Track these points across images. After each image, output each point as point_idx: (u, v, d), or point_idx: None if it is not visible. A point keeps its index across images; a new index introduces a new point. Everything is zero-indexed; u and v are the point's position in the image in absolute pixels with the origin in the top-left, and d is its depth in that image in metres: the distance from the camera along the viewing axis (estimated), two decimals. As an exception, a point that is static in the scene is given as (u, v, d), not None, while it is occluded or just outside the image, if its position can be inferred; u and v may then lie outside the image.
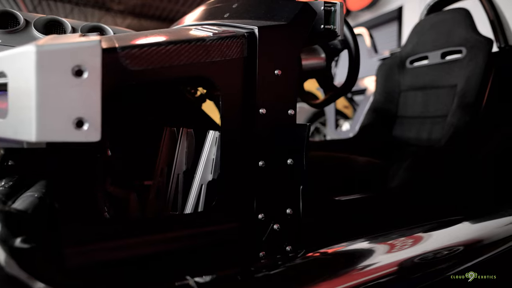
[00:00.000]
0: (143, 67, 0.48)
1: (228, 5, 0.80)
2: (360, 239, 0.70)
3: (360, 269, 0.66)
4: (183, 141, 0.71)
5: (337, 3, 0.73)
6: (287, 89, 0.62)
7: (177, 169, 0.71)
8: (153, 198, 0.78)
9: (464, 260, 0.80)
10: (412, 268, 0.70)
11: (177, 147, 0.71)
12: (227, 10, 0.78)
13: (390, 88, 1.56)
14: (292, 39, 0.62)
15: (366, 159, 1.00)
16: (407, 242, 0.75)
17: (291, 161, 0.63)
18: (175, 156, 0.71)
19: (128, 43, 0.49)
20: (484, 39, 1.25)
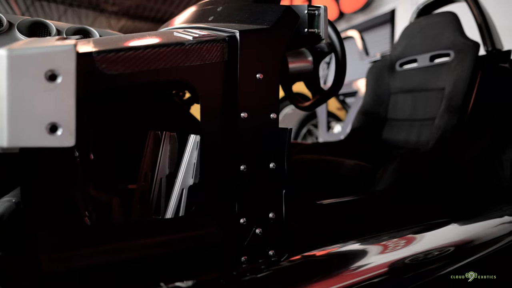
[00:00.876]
0: (120, 71, 0.48)
1: (213, 9, 0.80)
2: (344, 242, 0.70)
3: (344, 272, 0.66)
4: (166, 144, 0.70)
5: (321, 7, 0.73)
6: (269, 93, 0.62)
7: (160, 173, 0.70)
8: (136, 202, 0.78)
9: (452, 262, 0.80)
10: (398, 270, 0.71)
11: (160, 151, 0.70)
12: (212, 14, 0.78)
13: (380, 90, 1.56)
14: (274, 42, 0.62)
15: (353, 162, 1.00)
16: (392, 244, 0.75)
17: (273, 165, 0.63)
18: (158, 160, 0.70)
19: (104, 47, 0.48)
20: (471, 43, 1.26)
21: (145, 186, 0.75)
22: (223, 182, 0.59)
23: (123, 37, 0.56)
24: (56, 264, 0.45)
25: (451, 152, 1.07)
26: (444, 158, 1.05)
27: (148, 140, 0.75)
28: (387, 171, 0.92)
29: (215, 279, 0.57)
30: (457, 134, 1.11)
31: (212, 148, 0.58)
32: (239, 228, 0.60)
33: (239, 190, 0.60)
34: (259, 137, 0.61)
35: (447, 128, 1.14)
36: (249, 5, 0.72)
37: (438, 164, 1.02)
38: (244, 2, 0.75)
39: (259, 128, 0.61)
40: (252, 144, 0.61)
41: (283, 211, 0.64)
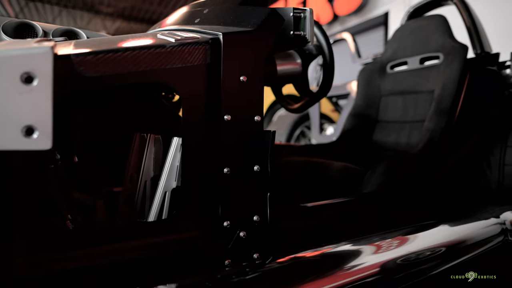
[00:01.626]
0: (99, 73, 0.47)
1: (199, 11, 0.80)
2: (330, 244, 0.70)
3: (330, 274, 0.66)
4: (151, 147, 0.70)
5: (306, 10, 0.73)
6: (253, 95, 0.62)
7: (145, 175, 0.70)
8: (122, 205, 0.77)
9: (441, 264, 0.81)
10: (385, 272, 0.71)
11: (145, 154, 0.70)
12: (198, 16, 0.78)
13: (370, 93, 1.57)
14: (258, 45, 0.62)
15: (341, 164, 1.01)
16: (379, 246, 0.75)
17: (257, 168, 0.63)
18: (143, 162, 0.70)
19: (84, 49, 0.48)
20: (459, 45, 1.27)
21: (131, 189, 0.75)
22: (206, 184, 0.59)
23: (105, 39, 0.56)
24: (31, 268, 0.44)
25: (440, 154, 1.08)
26: (432, 160, 1.05)
27: (134, 142, 0.74)
28: (375, 173, 0.92)
29: (197, 283, 0.57)
30: (446, 136, 1.12)
31: (194, 150, 0.58)
32: (223, 231, 0.60)
33: (223, 193, 0.60)
34: (243, 140, 0.61)
35: (436, 130, 1.15)
36: (234, 7, 0.72)
37: (426, 166, 1.02)
38: (230, 4, 0.75)
39: (243, 130, 0.61)
40: (236, 147, 0.61)
41: (268, 214, 0.64)
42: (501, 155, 1.15)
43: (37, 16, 10.14)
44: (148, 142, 0.70)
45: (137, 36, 0.60)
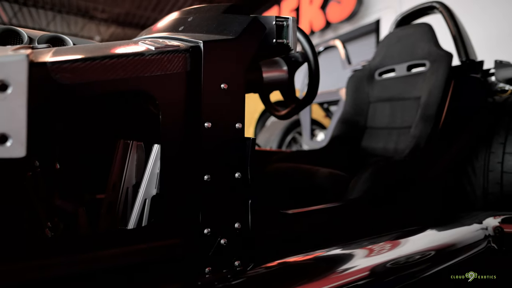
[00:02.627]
0: (76, 81, 0.47)
1: (184, 19, 0.81)
2: (312, 251, 0.70)
3: (311, 281, 0.66)
4: (133, 154, 0.70)
5: (289, 18, 0.74)
6: (234, 102, 0.62)
7: (126, 182, 0.70)
8: (105, 213, 0.76)
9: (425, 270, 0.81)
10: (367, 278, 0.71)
11: (127, 161, 0.70)
12: (183, 23, 0.78)
13: (359, 99, 1.59)
14: (239, 53, 0.63)
15: (327, 171, 1.01)
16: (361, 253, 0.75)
17: (239, 175, 0.63)
18: (125, 170, 0.69)
19: (61, 57, 0.48)
20: (444, 53, 1.29)
21: (113, 196, 0.74)
22: (186, 192, 0.59)
23: (85, 47, 0.56)
24: (7, 277, 0.44)
25: (425, 160, 1.09)
26: (418, 166, 1.06)
27: (118, 149, 0.74)
28: (360, 180, 0.93)
29: (177, 291, 0.56)
30: (431, 142, 1.13)
31: (174, 157, 0.58)
32: (203, 239, 0.60)
33: (203, 200, 0.60)
34: (223, 147, 0.61)
35: (422, 136, 1.16)
36: (218, 16, 0.72)
37: (411, 172, 1.03)
38: (214, 13, 0.76)
39: (223, 137, 0.61)
40: (216, 154, 0.61)
41: (249, 221, 0.64)
42: (485, 162, 1.17)
43: (30, 21, 10.10)
44: (131, 149, 0.70)
45: (118, 44, 0.60)
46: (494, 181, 1.14)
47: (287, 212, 0.70)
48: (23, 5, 8.95)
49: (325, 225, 0.77)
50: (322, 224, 0.76)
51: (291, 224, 0.71)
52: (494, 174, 1.15)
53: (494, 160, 1.15)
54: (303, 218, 0.72)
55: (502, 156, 1.14)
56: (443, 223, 1.00)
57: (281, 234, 0.69)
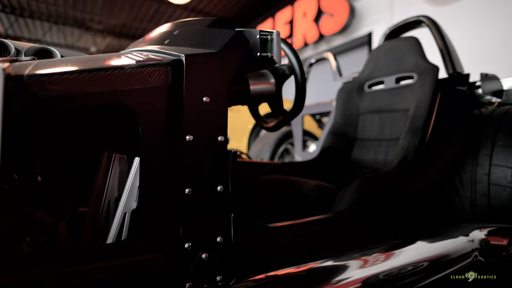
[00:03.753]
0: (53, 94, 0.47)
1: (170, 32, 0.81)
2: (296, 265, 0.69)
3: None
4: (115, 167, 0.69)
5: (273, 32, 0.75)
6: (216, 115, 0.62)
7: (109, 195, 0.69)
8: (86, 226, 0.75)
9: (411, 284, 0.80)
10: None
11: (109, 173, 0.69)
12: (168, 37, 0.79)
13: (349, 111, 1.60)
14: (222, 66, 0.63)
15: (315, 183, 1.01)
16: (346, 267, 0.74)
17: (221, 188, 0.63)
18: (107, 183, 0.69)
19: (40, 71, 0.48)
20: (431, 66, 1.32)
21: (96, 209, 0.73)
22: (165, 205, 0.58)
23: (66, 60, 0.56)
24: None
25: (413, 172, 1.09)
26: (405, 178, 1.07)
27: (101, 162, 0.73)
28: (347, 192, 0.93)
29: (155, 308, 0.55)
30: (419, 154, 1.14)
31: (154, 171, 0.57)
32: (184, 253, 0.59)
33: (184, 214, 0.59)
34: (205, 160, 0.61)
35: (410, 148, 1.17)
36: (202, 29, 0.73)
37: (399, 184, 1.04)
38: (199, 26, 0.77)
39: (205, 150, 0.61)
40: (198, 167, 0.60)
41: (232, 234, 0.63)
42: (473, 173, 1.17)
43: (27, 32, 10.13)
44: (113, 161, 0.69)
45: (100, 58, 0.60)
46: (481, 193, 1.15)
47: (271, 225, 0.69)
48: (19, 16, 8.98)
49: (311, 238, 0.76)
50: (307, 237, 0.75)
51: (275, 238, 0.70)
52: (482, 186, 1.15)
53: (481, 172, 1.16)
54: (288, 231, 0.72)
55: (488, 168, 1.15)
56: (431, 235, 0.99)
57: (265, 247, 0.69)
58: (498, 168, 1.13)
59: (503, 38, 3.62)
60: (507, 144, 1.15)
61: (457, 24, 3.97)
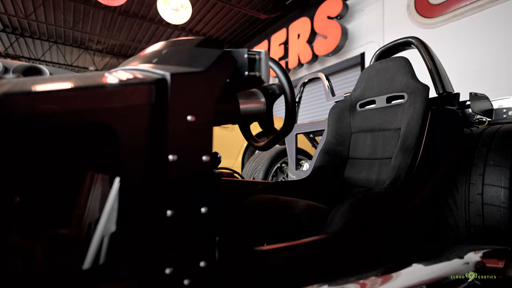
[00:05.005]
0: (29, 113, 0.46)
1: (159, 51, 0.81)
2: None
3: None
4: (97, 187, 0.67)
5: (261, 52, 0.76)
6: (201, 135, 0.61)
7: (89, 217, 0.66)
8: (67, 250, 0.72)
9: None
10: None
11: (91, 194, 0.67)
12: (157, 56, 0.79)
13: (341, 129, 1.60)
14: (208, 85, 0.63)
15: (306, 203, 0.99)
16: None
17: (205, 210, 0.61)
18: (88, 204, 0.66)
19: (17, 89, 0.47)
20: (421, 85, 1.33)
21: (76, 232, 0.70)
22: (145, 228, 0.56)
23: (45, 79, 0.55)
24: None
25: (405, 192, 1.08)
26: (398, 198, 1.05)
27: (83, 182, 0.71)
28: (338, 213, 0.90)
29: None
30: (411, 173, 1.13)
31: (134, 192, 0.55)
32: (165, 279, 0.56)
33: (165, 237, 0.57)
34: (189, 180, 0.59)
35: (402, 167, 1.16)
36: (190, 49, 0.73)
37: (391, 204, 1.02)
38: (187, 46, 0.77)
39: (189, 171, 0.59)
40: (181, 188, 0.58)
41: (216, 259, 0.61)
42: (466, 193, 1.16)
43: (26, 51, 10.27)
44: (95, 182, 0.67)
45: (84, 76, 0.59)
46: (475, 213, 1.13)
47: (258, 248, 0.66)
48: (20, 36, 9.13)
49: (301, 261, 0.73)
50: (297, 260, 0.72)
51: (262, 262, 0.67)
52: (475, 206, 1.14)
53: (474, 192, 1.15)
54: (276, 254, 0.69)
55: (481, 188, 1.13)
56: (426, 257, 0.97)
57: (252, 272, 0.66)
58: (491, 187, 1.12)
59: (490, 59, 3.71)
60: (499, 163, 1.14)
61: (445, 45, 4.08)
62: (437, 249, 0.99)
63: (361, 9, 5.30)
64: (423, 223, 1.08)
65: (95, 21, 8.08)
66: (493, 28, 3.70)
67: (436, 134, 1.19)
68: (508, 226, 1.07)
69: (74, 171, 0.61)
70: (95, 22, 8.17)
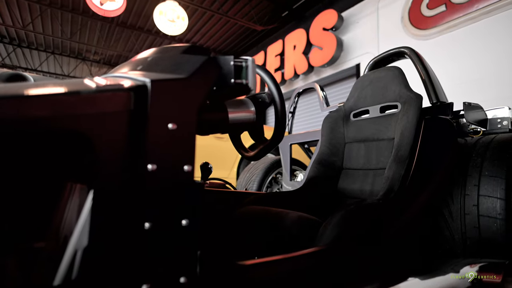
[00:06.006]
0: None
1: (145, 58, 0.80)
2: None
3: None
4: (75, 198, 0.64)
5: (248, 59, 0.74)
6: (182, 143, 0.58)
7: (66, 230, 0.63)
8: (41, 264, 0.68)
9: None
10: None
11: (67, 205, 0.64)
12: (142, 63, 0.77)
13: (335, 140, 1.58)
14: (190, 92, 0.60)
15: (297, 215, 0.96)
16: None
17: (186, 222, 0.58)
18: (64, 215, 0.63)
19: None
20: (414, 95, 1.32)
21: (51, 245, 0.67)
22: (121, 242, 0.53)
23: (21, 85, 0.53)
24: None
25: (399, 203, 1.05)
26: (391, 209, 1.02)
27: (60, 193, 0.68)
28: (329, 225, 0.87)
29: None
30: (405, 184, 1.10)
31: (109, 203, 0.52)
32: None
33: (142, 251, 0.53)
34: (169, 191, 0.56)
35: (395, 178, 1.13)
36: (174, 55, 0.71)
37: (385, 215, 0.99)
38: (173, 53, 0.75)
39: (170, 181, 0.57)
40: (161, 199, 0.55)
41: (198, 274, 0.57)
42: (461, 205, 1.13)
43: (23, 62, 10.28)
44: (73, 192, 0.64)
45: (60, 83, 0.57)
46: (471, 225, 1.10)
47: (243, 263, 0.63)
48: (17, 46, 9.16)
49: (288, 276, 0.70)
50: (284, 275, 0.69)
51: (247, 277, 0.64)
52: (471, 218, 1.11)
53: (469, 203, 1.12)
54: (263, 269, 0.66)
55: (477, 199, 1.11)
56: (421, 271, 0.94)
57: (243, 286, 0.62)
58: (486, 198, 1.10)
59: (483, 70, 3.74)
60: (494, 174, 1.12)
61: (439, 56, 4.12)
62: (433, 263, 0.96)
63: (356, 21, 5.37)
64: (418, 235, 1.05)
65: (92, 32, 8.13)
66: (486, 39, 3.75)
67: (430, 144, 1.18)
68: (505, 238, 1.04)
69: (47, 181, 0.58)
70: (93, 33, 8.21)
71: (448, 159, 1.16)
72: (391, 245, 0.96)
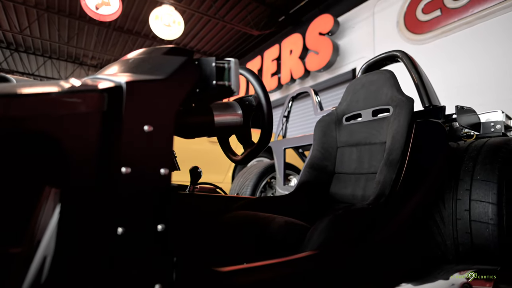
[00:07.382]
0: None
1: (127, 60, 0.78)
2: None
3: None
4: (49, 202, 0.62)
5: (231, 60, 0.73)
6: (159, 146, 0.57)
7: (31, 235, 0.61)
8: (16, 270, 0.66)
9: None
10: None
11: (42, 210, 0.61)
12: (124, 64, 0.75)
13: (327, 144, 1.56)
14: (168, 94, 0.59)
15: (283, 220, 0.93)
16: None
17: (162, 227, 0.56)
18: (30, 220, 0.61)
19: None
20: (406, 98, 1.30)
21: (26, 251, 0.64)
22: (92, 248, 0.51)
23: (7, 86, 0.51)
24: None
25: (389, 208, 1.03)
26: (380, 215, 1.00)
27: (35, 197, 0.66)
28: (316, 231, 0.85)
29: None
30: (396, 188, 1.09)
31: (80, 207, 0.50)
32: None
33: (114, 257, 0.51)
34: (144, 195, 0.54)
35: (386, 182, 1.11)
36: (155, 57, 0.70)
37: (373, 221, 0.97)
38: (154, 54, 0.74)
39: (145, 184, 0.55)
40: (135, 203, 0.54)
41: (173, 281, 0.55)
42: (453, 210, 1.12)
43: (21, 66, 10.27)
44: (47, 197, 0.62)
45: (31, 84, 0.55)
46: (463, 231, 1.08)
47: (222, 269, 0.61)
48: (15, 51, 9.15)
49: (270, 284, 0.67)
50: (265, 283, 0.67)
51: (226, 284, 0.62)
52: (463, 223, 1.09)
53: (461, 208, 1.10)
54: (242, 276, 0.63)
55: (469, 204, 1.09)
56: (412, 278, 0.91)
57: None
58: (478, 203, 1.08)
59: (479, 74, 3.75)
60: (486, 178, 1.10)
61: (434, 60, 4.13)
62: (424, 269, 0.94)
63: (351, 26, 5.39)
64: (409, 241, 1.03)
65: (89, 36, 8.14)
66: (481, 44, 3.76)
67: (421, 147, 1.16)
68: (497, 244, 1.02)
69: (14, 184, 0.56)
70: (90, 38, 8.22)
71: (439, 162, 1.15)
72: (381, 250, 0.94)
